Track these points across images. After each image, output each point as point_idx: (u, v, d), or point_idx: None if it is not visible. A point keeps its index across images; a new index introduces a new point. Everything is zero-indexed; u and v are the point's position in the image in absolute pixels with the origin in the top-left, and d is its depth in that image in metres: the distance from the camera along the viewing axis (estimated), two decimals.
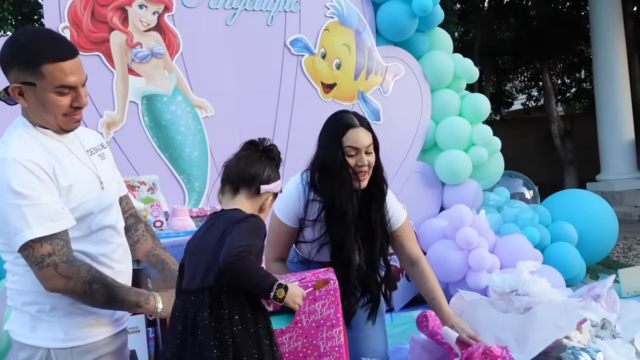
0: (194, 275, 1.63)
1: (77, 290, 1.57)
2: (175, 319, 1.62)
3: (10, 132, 1.62)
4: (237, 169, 1.74)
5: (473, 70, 4.50)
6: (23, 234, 1.51)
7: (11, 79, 1.56)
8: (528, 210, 4.25)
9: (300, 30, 4.01)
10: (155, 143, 3.54)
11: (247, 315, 1.58)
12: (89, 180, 1.67)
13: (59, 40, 1.59)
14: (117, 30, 3.45)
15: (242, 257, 1.52)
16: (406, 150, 4.36)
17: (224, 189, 1.76)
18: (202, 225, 1.76)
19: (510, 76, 13.85)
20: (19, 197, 1.50)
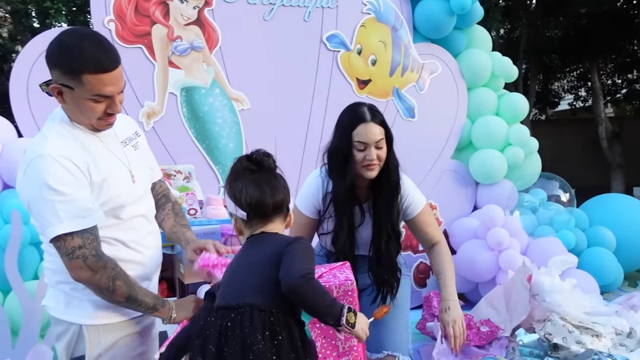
0: (234, 291, 1.53)
1: (101, 284, 1.65)
2: (207, 337, 1.48)
3: (49, 126, 1.69)
4: (264, 199, 1.60)
5: (512, 69, 4.44)
6: (54, 227, 1.60)
7: (53, 77, 1.62)
8: (564, 213, 4.18)
9: (337, 26, 4.04)
10: (192, 134, 3.65)
11: (296, 340, 1.49)
12: (121, 174, 1.74)
13: (103, 50, 1.61)
14: (159, 24, 3.57)
15: (308, 279, 1.44)
16: (440, 148, 4.35)
17: (251, 222, 1.63)
18: (242, 248, 1.68)
19: (558, 75, 13.46)
20: (53, 193, 1.58)
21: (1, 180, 3.06)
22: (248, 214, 1.61)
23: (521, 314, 2.81)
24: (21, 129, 3.24)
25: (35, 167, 1.60)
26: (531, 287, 2.85)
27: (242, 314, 1.46)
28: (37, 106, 3.21)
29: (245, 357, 1.40)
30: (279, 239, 1.61)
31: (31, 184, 1.62)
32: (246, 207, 1.60)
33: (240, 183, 1.60)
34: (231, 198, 1.62)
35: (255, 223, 1.62)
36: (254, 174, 1.61)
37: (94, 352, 1.73)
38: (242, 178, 1.61)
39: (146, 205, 1.87)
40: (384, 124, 2.13)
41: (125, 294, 1.69)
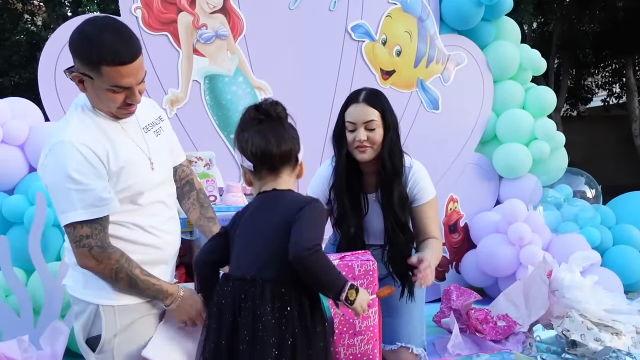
0: (248, 262, 1.56)
1: (105, 274, 1.71)
2: (222, 307, 1.54)
3: (72, 112, 1.73)
4: (269, 149, 1.59)
5: (540, 62, 4.36)
6: (68, 214, 1.65)
7: (75, 65, 1.65)
8: (589, 209, 4.10)
9: (362, 16, 4.02)
10: (215, 121, 3.68)
11: (306, 313, 1.52)
12: (140, 162, 1.76)
13: (123, 41, 1.62)
14: (185, 12, 3.60)
15: (315, 251, 1.45)
16: (464, 140, 4.30)
17: (260, 173, 1.62)
18: (251, 203, 1.69)
19: (591, 70, 13.17)
20: (71, 181, 1.62)
21: (27, 162, 3.13)
22: (254, 165, 1.60)
23: (540, 309, 2.79)
24: (48, 113, 3.31)
25: (56, 152, 1.64)
26: (551, 282, 2.82)
27: (254, 285, 1.50)
28: (63, 91, 3.28)
29: (256, 327, 1.46)
30: (290, 202, 1.58)
31: (51, 168, 1.66)
32: (252, 158, 1.59)
33: (247, 133, 1.59)
34: (238, 149, 1.62)
35: (264, 175, 1.61)
36: (261, 124, 1.59)
37: (109, 332, 1.77)
38: (249, 128, 1.60)
39: (166, 191, 1.89)
40: (380, 107, 2.11)
41: (127, 285, 1.74)
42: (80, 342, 1.81)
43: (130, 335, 1.79)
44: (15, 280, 2.79)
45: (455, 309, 3.01)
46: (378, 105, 2.11)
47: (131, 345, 1.79)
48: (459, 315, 3.02)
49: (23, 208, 2.93)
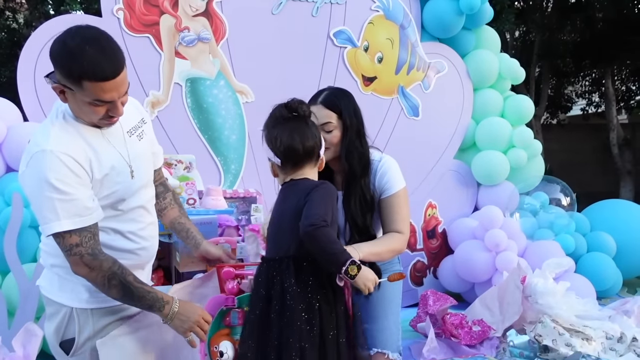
0: (276, 244, 1.80)
1: (97, 281, 1.67)
2: (259, 284, 1.77)
3: (53, 120, 1.69)
4: (295, 147, 1.76)
5: (519, 71, 4.43)
6: (52, 225, 1.61)
7: (56, 75, 1.60)
8: (564, 216, 4.17)
9: (345, 22, 4.05)
10: (196, 124, 3.68)
11: (325, 282, 1.71)
12: (122, 170, 1.74)
13: (106, 56, 1.58)
14: (167, 14, 3.60)
15: (320, 226, 1.63)
16: (443, 147, 4.35)
17: (286, 167, 1.80)
18: (278, 196, 1.87)
19: (571, 79, 13.35)
20: (54, 191, 1.59)
21: (4, 162, 3.11)
22: (282, 161, 1.77)
23: (513, 315, 2.83)
24: (27, 113, 3.29)
25: (38, 161, 1.61)
26: (524, 288, 2.87)
27: (281, 263, 1.73)
28: (43, 91, 3.26)
29: (284, 297, 1.68)
30: (303, 188, 1.76)
31: (33, 178, 1.63)
32: (280, 155, 1.76)
33: (277, 130, 1.76)
34: (268, 144, 1.79)
35: (289, 168, 1.79)
36: (288, 122, 1.76)
37: (83, 335, 1.75)
38: (278, 125, 1.77)
39: (146, 196, 1.87)
40: (337, 109, 2.06)
41: (120, 293, 1.70)
42: (53, 345, 1.79)
43: None
44: None
45: (431, 314, 3.05)
46: (335, 107, 2.06)
47: None
48: (435, 320, 3.05)
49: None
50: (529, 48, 11.41)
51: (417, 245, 4.27)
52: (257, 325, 1.73)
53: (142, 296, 1.72)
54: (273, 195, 3.86)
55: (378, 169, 2.13)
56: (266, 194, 3.64)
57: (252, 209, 3.27)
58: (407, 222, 2.14)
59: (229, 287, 1.98)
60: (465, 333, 2.96)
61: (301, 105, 1.79)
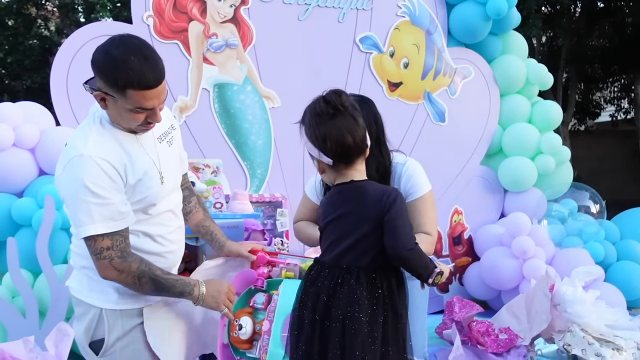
0: (342, 251, 1.70)
1: (128, 282, 1.73)
2: (318, 289, 1.69)
3: (90, 125, 1.74)
4: (348, 145, 1.68)
5: (547, 77, 4.38)
6: (86, 228, 1.66)
7: (97, 83, 1.65)
8: (593, 224, 4.10)
9: (371, 28, 4.06)
10: (223, 129, 3.72)
11: (394, 293, 1.69)
12: (153, 175, 1.78)
13: (149, 66, 1.62)
14: (196, 21, 3.65)
15: (414, 248, 1.64)
16: (469, 153, 4.32)
17: (338, 167, 1.71)
18: (331, 194, 1.78)
19: (600, 85, 13.15)
20: (90, 194, 1.63)
21: (37, 166, 3.18)
22: (334, 160, 1.68)
23: (541, 323, 2.79)
24: (59, 118, 3.36)
25: (75, 166, 1.65)
26: (553, 297, 2.82)
27: (350, 272, 1.67)
28: (75, 97, 3.32)
29: (352, 308, 1.63)
30: (377, 194, 1.69)
31: (69, 181, 1.67)
32: (332, 154, 1.67)
33: (323, 128, 1.66)
34: (314, 143, 1.69)
35: (342, 166, 1.70)
36: (334, 119, 1.66)
37: (113, 336, 1.78)
38: (324, 123, 1.67)
39: (175, 201, 1.92)
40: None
41: (152, 288, 1.75)
42: (82, 345, 1.83)
43: (132, 340, 1.81)
44: (22, 281, 2.83)
45: (457, 321, 3.02)
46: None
47: (134, 350, 1.81)
48: (460, 327, 3.02)
49: (32, 211, 2.97)
50: (556, 53, 11.28)
51: (443, 251, 4.24)
52: (312, 332, 1.68)
53: (172, 285, 1.79)
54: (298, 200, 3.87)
55: (403, 172, 2.14)
56: (291, 198, 3.65)
57: (278, 214, 3.29)
58: (434, 225, 2.16)
59: (260, 271, 2.03)
60: (491, 341, 2.93)
61: (340, 97, 1.69)
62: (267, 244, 2.97)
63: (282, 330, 1.88)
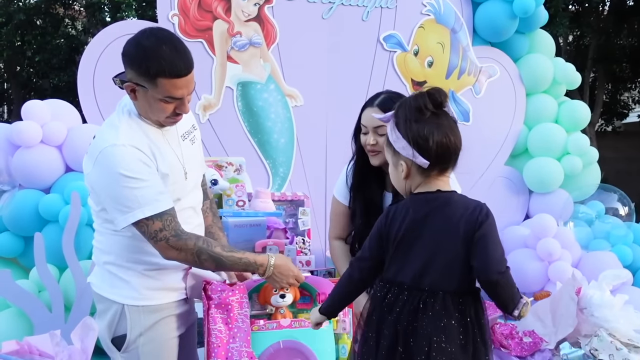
0: (422, 270, 1.52)
1: (189, 260, 1.76)
2: (398, 314, 1.52)
3: (120, 118, 1.76)
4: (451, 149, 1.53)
5: (574, 76, 4.31)
6: (134, 213, 1.67)
7: (127, 75, 1.69)
8: (622, 227, 4.02)
9: (395, 26, 4.03)
10: (246, 127, 3.74)
11: (481, 320, 1.54)
12: (178, 170, 1.81)
13: (180, 55, 1.66)
14: (220, 20, 3.67)
15: (506, 273, 1.48)
16: (494, 153, 4.27)
17: (430, 172, 1.54)
18: (413, 204, 1.57)
19: (628, 85, 12.89)
20: (129, 180, 1.66)
21: (64, 163, 3.23)
22: (431, 163, 1.52)
23: (567, 327, 2.73)
24: (86, 115, 3.41)
25: (108, 156, 1.67)
26: (579, 300, 2.76)
27: (434, 297, 1.50)
28: (101, 95, 3.37)
29: (438, 338, 1.47)
30: (465, 209, 1.53)
31: (104, 173, 1.69)
32: (431, 157, 1.51)
33: (426, 127, 1.50)
34: (410, 141, 1.51)
35: (435, 173, 1.54)
36: (438, 118, 1.52)
37: (135, 332, 1.80)
38: (427, 121, 1.51)
39: (196, 199, 1.95)
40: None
41: (213, 265, 1.79)
42: (105, 341, 1.85)
43: (155, 335, 1.82)
44: (49, 276, 2.88)
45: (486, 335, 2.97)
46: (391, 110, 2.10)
47: (156, 345, 1.82)
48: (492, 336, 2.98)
49: (58, 207, 3.02)
50: (583, 52, 11.09)
51: None
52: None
53: (235, 263, 1.82)
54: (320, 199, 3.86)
55: None
56: (313, 197, 3.65)
57: (300, 212, 3.29)
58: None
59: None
60: (515, 344, 2.88)
61: (445, 96, 1.54)
62: (289, 242, 2.97)
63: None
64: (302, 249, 3.02)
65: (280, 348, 1.92)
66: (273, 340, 1.93)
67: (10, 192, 3.09)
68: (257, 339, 1.93)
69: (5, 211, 3.04)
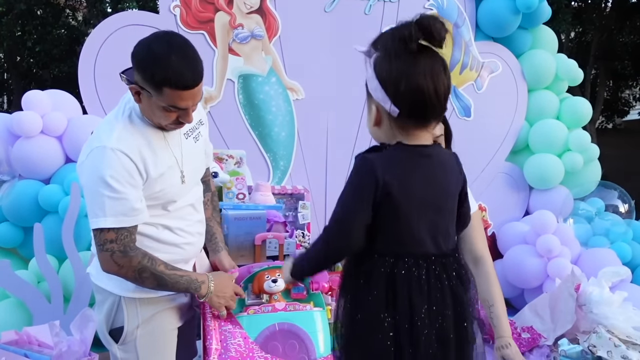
0: (435, 235, 1.35)
1: (129, 277, 1.72)
2: (429, 288, 1.33)
3: (118, 117, 1.73)
4: (431, 102, 1.25)
5: (577, 72, 4.29)
6: (97, 220, 1.67)
7: (135, 76, 1.65)
8: (621, 224, 4.02)
9: (397, 20, 3.99)
10: (246, 120, 3.72)
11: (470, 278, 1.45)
12: (175, 174, 1.79)
13: (189, 66, 1.61)
14: (222, 11, 3.65)
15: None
16: (495, 149, 4.26)
17: (402, 122, 1.28)
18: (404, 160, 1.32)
19: (629, 83, 12.88)
20: (106, 188, 1.63)
21: (64, 153, 3.22)
22: (402, 113, 1.24)
23: (566, 323, 2.74)
24: (87, 106, 3.40)
25: (96, 156, 1.66)
26: (578, 297, 2.77)
27: (456, 260, 1.39)
28: (102, 86, 3.35)
29: (463, 301, 1.38)
30: (451, 163, 1.39)
31: (89, 171, 1.68)
32: (403, 103, 1.23)
33: (401, 65, 1.22)
34: (380, 81, 1.26)
35: (410, 126, 1.28)
36: (420, 56, 1.22)
37: (132, 324, 1.81)
38: (404, 57, 1.22)
39: (195, 195, 1.92)
40: None
41: (154, 283, 1.75)
42: (102, 332, 1.85)
43: (152, 328, 1.83)
44: (48, 267, 2.87)
45: (479, 319, 2.98)
46: None
47: (153, 338, 1.83)
48: (482, 325, 2.98)
49: (58, 198, 3.01)
50: (585, 49, 11.08)
51: None
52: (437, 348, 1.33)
53: (176, 282, 1.77)
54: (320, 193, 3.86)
55: None
56: (314, 191, 3.65)
57: (300, 206, 3.29)
58: (486, 243, 2.15)
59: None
60: (514, 339, 2.88)
61: (441, 27, 1.22)
62: (288, 236, 2.97)
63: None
64: (301, 243, 3.03)
65: (276, 330, 1.93)
66: (268, 322, 1.95)
67: (10, 182, 3.08)
68: (253, 321, 1.95)
69: (4, 201, 3.04)
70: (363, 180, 1.30)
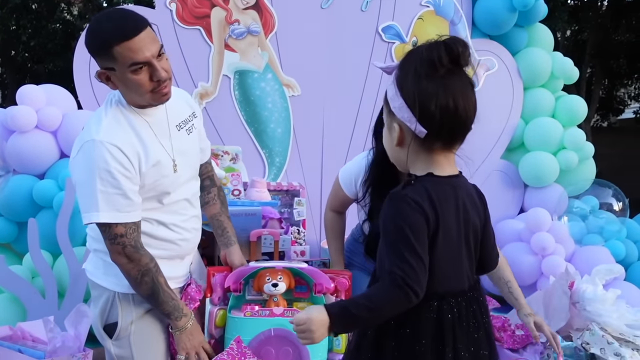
0: (463, 272, 1.34)
1: (131, 274, 1.72)
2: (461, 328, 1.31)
3: (106, 109, 1.73)
4: (460, 114, 1.24)
5: (572, 71, 4.30)
6: (91, 214, 1.66)
7: (97, 64, 1.68)
8: (615, 222, 4.03)
9: (394, 17, 4.01)
10: (242, 116, 3.72)
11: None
12: (166, 164, 1.77)
13: (123, 19, 1.62)
14: (218, 7, 3.64)
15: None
16: (490, 147, 4.26)
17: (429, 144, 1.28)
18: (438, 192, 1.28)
19: (625, 81, 12.93)
20: (98, 182, 1.63)
21: (59, 148, 3.21)
22: (430, 133, 1.23)
23: (560, 321, 2.75)
24: (81, 101, 3.39)
25: (88, 151, 1.65)
26: (572, 294, 2.78)
27: (480, 294, 1.38)
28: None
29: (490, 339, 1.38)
30: (475, 194, 1.37)
31: (81, 166, 1.68)
32: (432, 125, 1.21)
33: (431, 86, 1.20)
34: (408, 101, 1.23)
35: (437, 148, 1.28)
36: (452, 76, 1.23)
37: (126, 320, 1.81)
38: (436, 77, 1.21)
39: (191, 190, 1.91)
40: None
41: (149, 291, 1.74)
42: (97, 327, 1.85)
43: (146, 324, 1.83)
44: (42, 262, 2.86)
45: None
46: None
47: (147, 334, 1.83)
48: None
49: (53, 193, 3.00)
50: (581, 48, 11.09)
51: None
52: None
53: (165, 301, 1.76)
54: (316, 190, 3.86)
55: None
56: (309, 187, 3.65)
57: (295, 203, 3.29)
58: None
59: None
60: (507, 337, 2.89)
61: (467, 51, 1.23)
62: (284, 232, 2.97)
63: None
64: (297, 239, 3.03)
65: (271, 335, 1.92)
66: (264, 327, 1.94)
67: (4, 177, 3.07)
68: (249, 324, 1.94)
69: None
70: (416, 220, 1.25)
